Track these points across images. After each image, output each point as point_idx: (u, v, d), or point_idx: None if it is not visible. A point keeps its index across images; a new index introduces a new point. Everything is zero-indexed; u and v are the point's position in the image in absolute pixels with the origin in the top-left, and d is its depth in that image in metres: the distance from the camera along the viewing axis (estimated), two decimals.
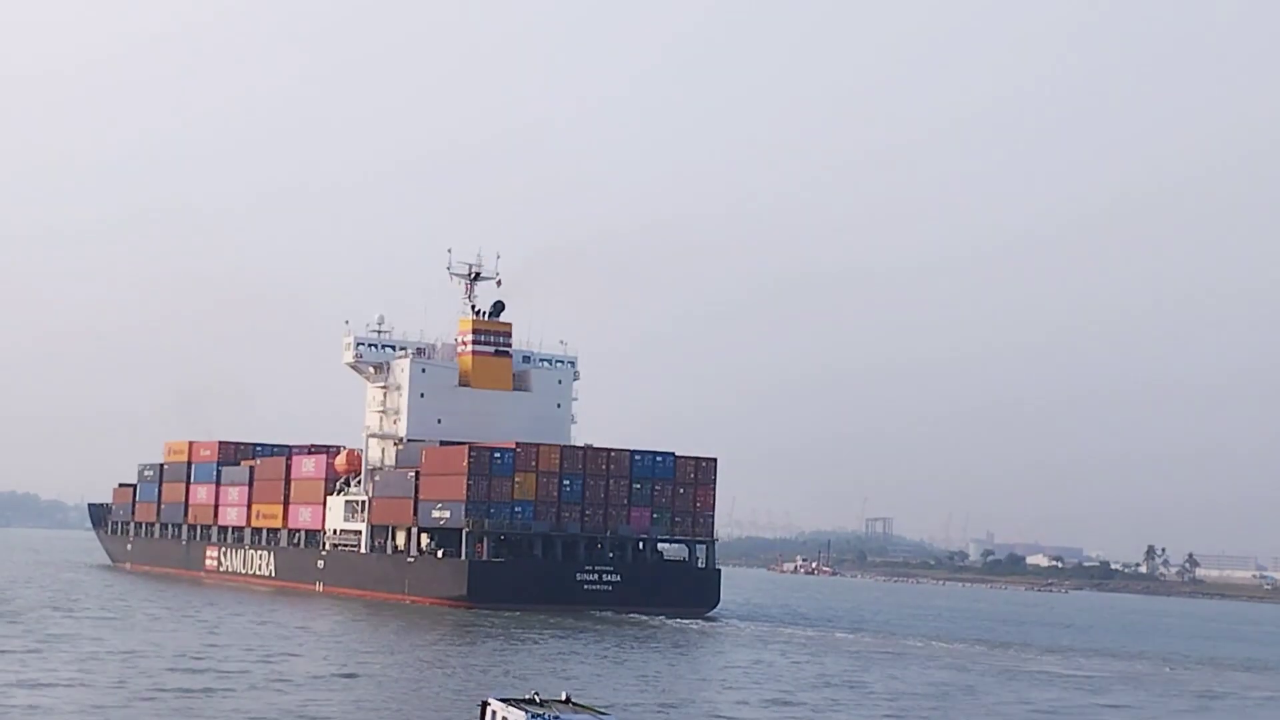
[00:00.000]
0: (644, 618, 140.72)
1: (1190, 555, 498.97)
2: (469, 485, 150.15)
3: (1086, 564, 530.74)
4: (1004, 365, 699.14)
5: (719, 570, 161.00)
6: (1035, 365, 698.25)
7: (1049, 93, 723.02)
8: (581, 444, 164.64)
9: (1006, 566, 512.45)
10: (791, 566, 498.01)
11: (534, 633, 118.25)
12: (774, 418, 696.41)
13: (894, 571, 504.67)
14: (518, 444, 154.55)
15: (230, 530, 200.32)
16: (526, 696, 44.56)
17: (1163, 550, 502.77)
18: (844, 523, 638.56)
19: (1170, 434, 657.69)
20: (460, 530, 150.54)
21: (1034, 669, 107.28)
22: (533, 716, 40.92)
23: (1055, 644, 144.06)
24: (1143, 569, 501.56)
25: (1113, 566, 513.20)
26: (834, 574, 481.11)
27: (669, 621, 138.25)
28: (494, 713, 42.96)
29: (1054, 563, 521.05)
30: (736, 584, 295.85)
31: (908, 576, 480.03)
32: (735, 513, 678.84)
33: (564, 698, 44.37)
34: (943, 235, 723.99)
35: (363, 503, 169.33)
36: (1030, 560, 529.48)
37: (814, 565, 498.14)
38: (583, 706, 44.03)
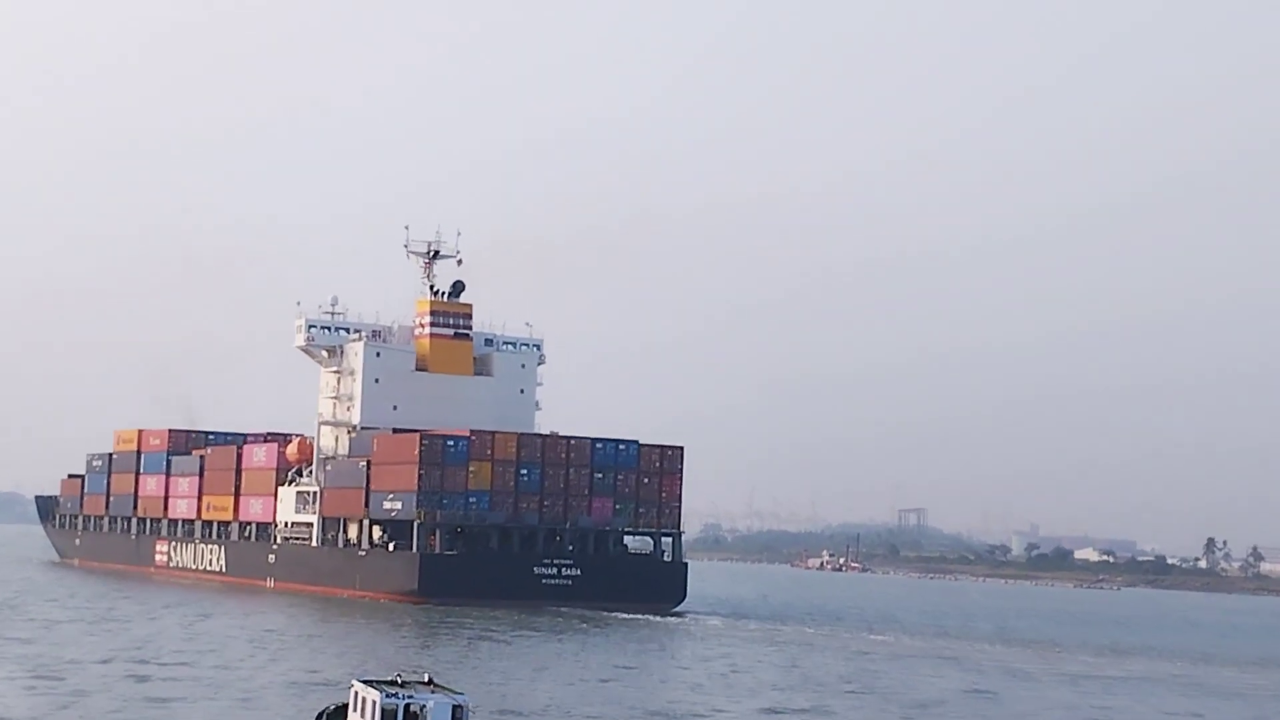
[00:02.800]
0: (603, 613, 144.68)
1: (1254, 549, 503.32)
2: (421, 475, 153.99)
3: (1140, 559, 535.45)
4: (1050, 355, 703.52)
5: (685, 564, 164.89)
6: (1083, 355, 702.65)
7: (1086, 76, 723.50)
8: (546, 431, 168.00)
9: (1053, 561, 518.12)
10: (817, 562, 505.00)
11: (479, 628, 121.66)
12: (798, 407, 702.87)
13: (929, 567, 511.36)
14: (472, 431, 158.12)
15: (180, 523, 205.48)
16: (390, 678, 49.29)
17: (1224, 543, 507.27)
18: (875, 514, 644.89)
19: (1231, 421, 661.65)
20: (412, 522, 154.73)
21: (1071, 670, 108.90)
22: (386, 695, 46.55)
23: (1102, 644, 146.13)
24: (1202, 564, 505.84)
25: (1169, 561, 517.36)
26: (864, 570, 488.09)
27: (626, 616, 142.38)
28: (356, 693, 48.44)
29: (1104, 557, 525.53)
30: (752, 581, 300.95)
31: (944, 572, 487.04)
32: (756, 503, 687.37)
33: (426, 679, 49.52)
34: (985, 221, 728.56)
35: (314, 494, 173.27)
36: (1079, 555, 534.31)
37: (841, 560, 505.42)
38: (441, 687, 48.85)
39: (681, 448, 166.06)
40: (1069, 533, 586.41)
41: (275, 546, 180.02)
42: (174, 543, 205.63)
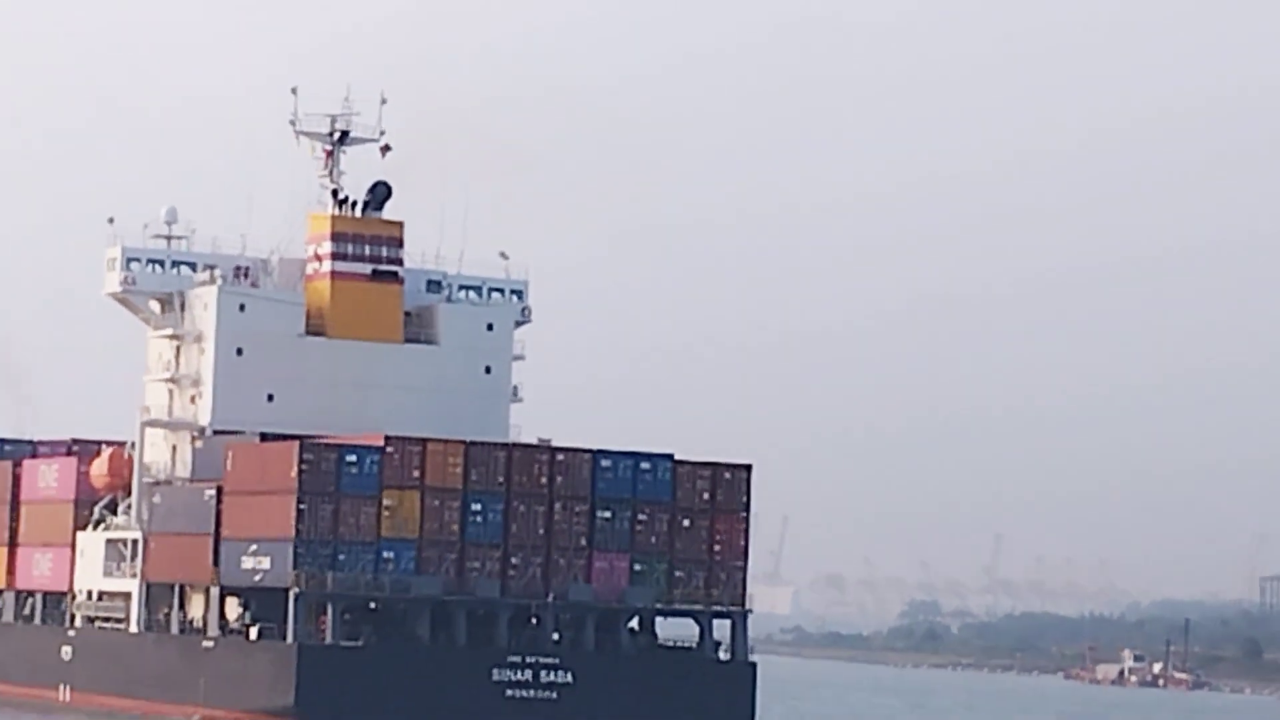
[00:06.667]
0: None
1: None
2: (301, 511, 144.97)
3: None
4: None
5: (754, 664, 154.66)
6: None
7: None
8: (529, 440, 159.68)
9: None
10: (1113, 670, 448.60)
11: None
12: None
13: None
14: (387, 438, 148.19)
15: None
16: None
17: None
18: (1216, 586, 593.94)
19: None
20: (286, 592, 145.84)
21: None
22: None
23: None
24: None
25: None
26: (1198, 684, 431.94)
27: None
28: None
29: None
30: (971, 704, 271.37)
31: None
32: (1002, 567, 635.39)
33: None
34: None
35: (133, 544, 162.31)
36: None
37: (1158, 667, 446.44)
38: None
39: (747, 467, 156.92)
40: None
41: (73, 632, 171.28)
42: None
